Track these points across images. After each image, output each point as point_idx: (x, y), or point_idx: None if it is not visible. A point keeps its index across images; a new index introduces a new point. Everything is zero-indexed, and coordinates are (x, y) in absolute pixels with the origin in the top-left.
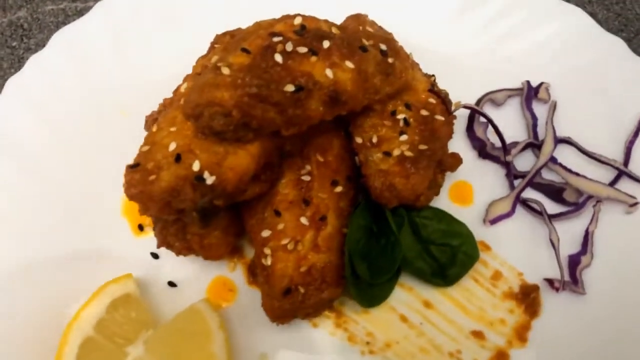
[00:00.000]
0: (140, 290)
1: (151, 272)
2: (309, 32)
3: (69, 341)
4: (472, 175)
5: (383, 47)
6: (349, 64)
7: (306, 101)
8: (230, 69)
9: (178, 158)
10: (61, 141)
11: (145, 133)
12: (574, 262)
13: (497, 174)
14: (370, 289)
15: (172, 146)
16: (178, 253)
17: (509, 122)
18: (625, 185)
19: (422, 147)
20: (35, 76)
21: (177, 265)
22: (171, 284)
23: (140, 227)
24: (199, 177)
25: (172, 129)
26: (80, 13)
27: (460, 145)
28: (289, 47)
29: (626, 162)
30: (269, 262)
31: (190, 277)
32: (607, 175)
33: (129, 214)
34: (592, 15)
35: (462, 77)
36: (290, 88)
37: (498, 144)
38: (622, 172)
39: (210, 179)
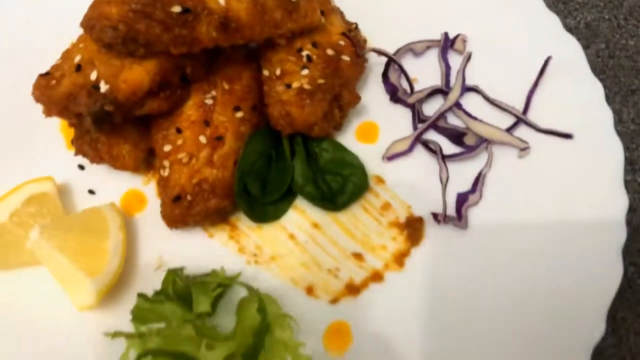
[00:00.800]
0: (60, 194)
1: (76, 180)
2: None
3: None
4: (381, 117)
5: None
6: None
7: (194, 24)
8: None
9: (78, 68)
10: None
11: None
12: (462, 199)
13: (405, 117)
14: (264, 207)
15: (77, 58)
16: (91, 161)
17: (427, 71)
18: (522, 132)
19: (320, 81)
20: None
21: (99, 177)
22: (90, 192)
23: (73, 141)
24: (95, 86)
25: (81, 45)
26: None
27: (375, 89)
28: None
29: (525, 110)
30: (166, 173)
31: (108, 187)
32: (508, 122)
33: (64, 131)
34: None
35: (386, 27)
36: (177, 9)
37: (410, 91)
38: (519, 119)
39: (104, 88)
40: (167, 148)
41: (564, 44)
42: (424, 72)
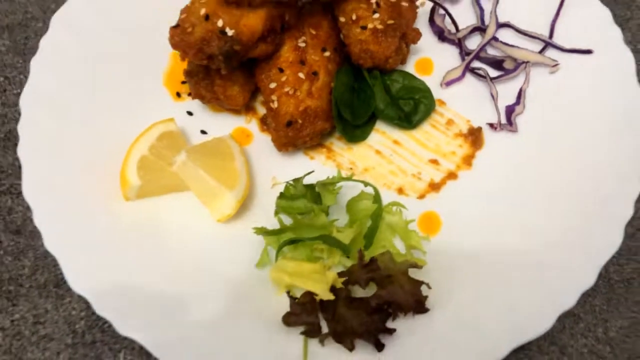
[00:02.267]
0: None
1: (188, 124)
2: None
3: (129, 160)
4: (433, 53)
5: None
6: None
7: None
8: None
9: (207, 17)
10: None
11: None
12: (510, 110)
13: (453, 53)
14: (352, 130)
15: (202, 11)
16: (208, 101)
17: (463, 14)
18: (551, 53)
19: (390, 22)
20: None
21: (207, 120)
22: (203, 132)
23: (178, 94)
24: (222, 31)
25: (202, 1)
26: None
27: (424, 32)
28: None
29: (550, 36)
30: (275, 105)
31: (218, 127)
32: (537, 48)
33: (168, 85)
34: None
35: None
36: None
37: (454, 31)
38: (547, 43)
39: (230, 32)
40: (273, 85)
41: None
42: (461, 17)
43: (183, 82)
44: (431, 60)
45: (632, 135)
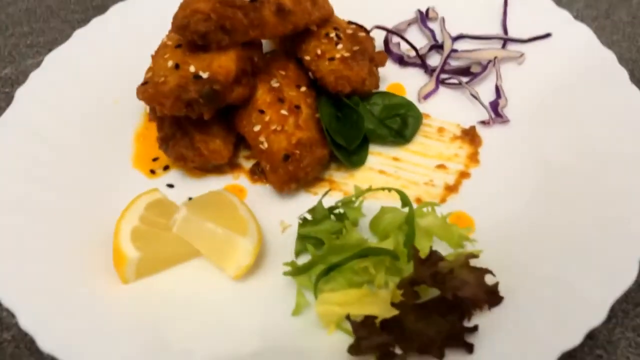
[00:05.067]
0: None
1: (171, 197)
2: None
3: (120, 234)
4: (400, 77)
5: None
6: None
7: (261, 9)
8: None
9: (177, 66)
10: (73, 127)
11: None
12: (495, 104)
13: (418, 72)
14: (349, 156)
15: (170, 63)
16: (191, 162)
17: (414, 40)
18: (511, 48)
19: (355, 48)
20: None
21: (191, 187)
22: (191, 199)
23: (152, 171)
24: (196, 75)
25: (166, 56)
26: None
27: None
28: None
29: (505, 33)
30: (265, 145)
31: (204, 192)
32: (498, 47)
33: (139, 164)
34: None
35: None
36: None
37: (413, 54)
38: (505, 40)
39: (205, 74)
40: (257, 127)
41: None
42: (413, 42)
43: (154, 160)
44: (401, 84)
45: (610, 96)
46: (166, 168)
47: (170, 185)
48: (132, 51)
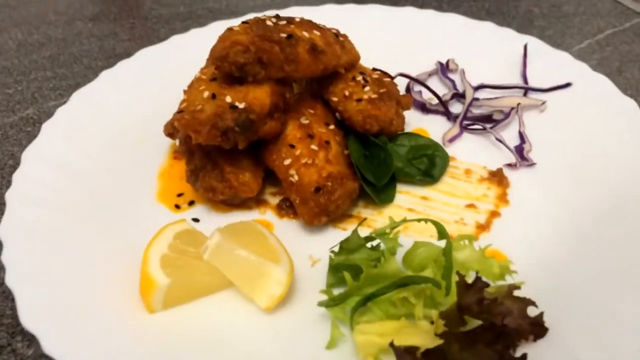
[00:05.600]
0: None
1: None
2: (281, 17)
3: (149, 262)
4: (423, 123)
5: (334, 31)
6: (316, 32)
7: (296, 45)
8: (239, 27)
9: (213, 96)
10: (98, 161)
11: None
12: (520, 149)
13: (441, 119)
14: (378, 193)
15: (206, 93)
16: (221, 193)
17: (435, 90)
18: (531, 97)
19: (382, 90)
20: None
21: (217, 222)
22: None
23: (177, 206)
24: (233, 105)
25: (201, 88)
26: None
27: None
28: (273, 20)
29: (525, 83)
30: (296, 178)
31: None
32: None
33: (164, 199)
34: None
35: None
36: (284, 35)
37: (435, 102)
38: (526, 89)
39: (241, 105)
40: (288, 161)
41: (526, 39)
42: (435, 90)
43: (179, 195)
44: (424, 129)
45: (632, 140)
46: (191, 203)
47: (196, 220)
48: (156, 93)
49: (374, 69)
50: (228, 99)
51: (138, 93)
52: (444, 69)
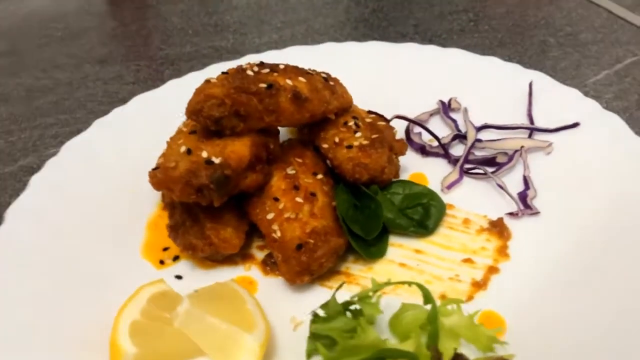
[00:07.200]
0: None
1: (179, 289)
2: (265, 64)
3: (119, 327)
4: (422, 167)
5: (324, 75)
6: (302, 79)
7: (277, 95)
8: (216, 79)
9: (189, 151)
10: (85, 215)
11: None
12: (523, 196)
13: (441, 162)
14: (367, 247)
15: (182, 148)
16: (201, 251)
17: (436, 130)
18: (537, 138)
19: (374, 135)
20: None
21: (200, 279)
22: (196, 291)
23: (162, 262)
24: (208, 161)
25: (179, 142)
26: None
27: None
28: (255, 69)
29: (531, 123)
30: (278, 234)
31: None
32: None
33: (149, 254)
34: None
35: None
36: (263, 85)
37: (435, 144)
38: (532, 130)
39: (217, 160)
40: (270, 215)
41: (532, 75)
42: (435, 132)
43: (164, 249)
44: (423, 173)
45: None
46: (176, 258)
47: (179, 277)
48: (149, 140)
49: (369, 112)
50: (204, 154)
51: (131, 141)
52: (445, 108)
